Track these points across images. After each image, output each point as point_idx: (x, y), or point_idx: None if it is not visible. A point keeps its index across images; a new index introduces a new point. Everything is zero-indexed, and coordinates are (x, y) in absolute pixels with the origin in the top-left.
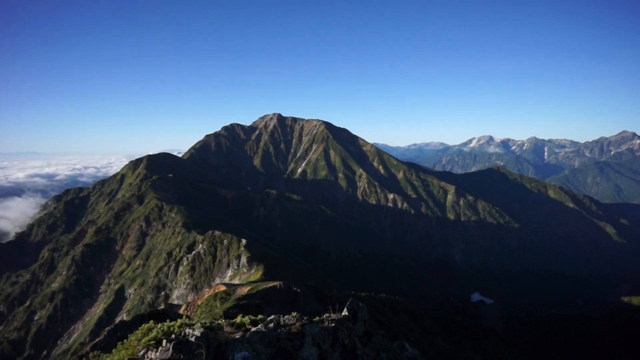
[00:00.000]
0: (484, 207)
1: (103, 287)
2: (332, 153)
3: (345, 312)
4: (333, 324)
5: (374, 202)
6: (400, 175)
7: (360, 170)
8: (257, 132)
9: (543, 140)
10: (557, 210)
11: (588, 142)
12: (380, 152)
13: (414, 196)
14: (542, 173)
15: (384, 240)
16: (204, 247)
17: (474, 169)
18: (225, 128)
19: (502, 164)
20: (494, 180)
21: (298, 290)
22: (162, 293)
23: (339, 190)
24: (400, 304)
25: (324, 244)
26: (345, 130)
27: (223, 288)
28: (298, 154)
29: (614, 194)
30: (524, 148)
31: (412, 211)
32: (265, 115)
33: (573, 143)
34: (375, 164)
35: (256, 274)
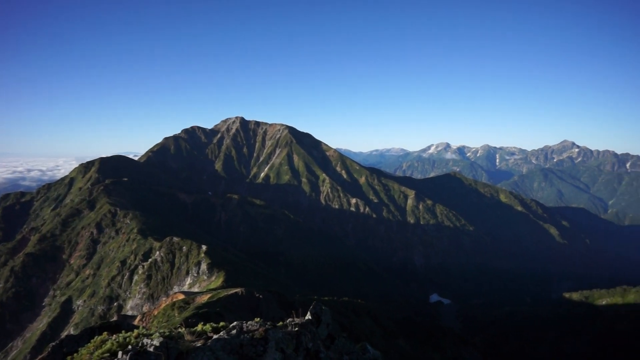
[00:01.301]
0: (442, 211)
1: (47, 300)
2: (295, 158)
3: (308, 316)
4: (296, 329)
5: (337, 206)
6: (362, 180)
7: (324, 175)
8: (219, 135)
9: (495, 147)
10: (508, 213)
11: (534, 150)
12: (343, 157)
13: (375, 201)
14: (494, 178)
15: (347, 244)
16: (162, 254)
17: (432, 175)
18: (185, 131)
19: (458, 169)
20: (451, 185)
21: (260, 296)
22: (115, 304)
23: (303, 195)
24: (362, 307)
25: (287, 249)
26: (308, 135)
27: (182, 297)
28: (261, 158)
29: (557, 198)
30: (478, 155)
31: (374, 215)
32: (227, 119)
33: (521, 151)
34: (338, 169)
35: (217, 281)
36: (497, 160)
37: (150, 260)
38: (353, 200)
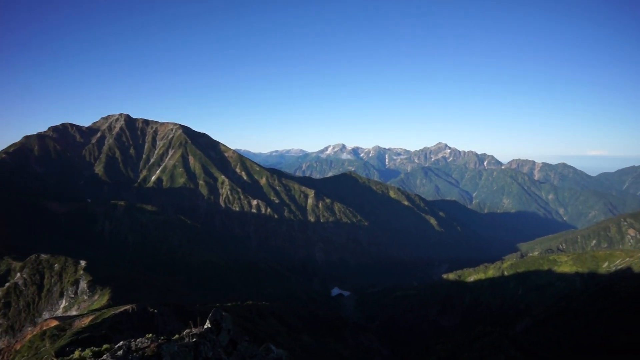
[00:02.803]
0: (340, 209)
1: None
2: (191, 159)
3: (207, 325)
4: (194, 339)
5: (237, 208)
6: (263, 181)
7: (223, 176)
8: (98, 134)
9: (385, 148)
10: (397, 208)
11: (416, 150)
12: (242, 159)
13: (277, 201)
14: (385, 177)
15: (249, 246)
16: (25, 276)
17: (330, 174)
18: (54, 129)
19: (353, 169)
20: (347, 184)
21: (155, 310)
22: None
23: (200, 198)
24: (266, 308)
25: (185, 256)
26: (205, 135)
27: (55, 323)
28: (152, 160)
29: (435, 193)
30: (370, 155)
31: (276, 216)
32: (109, 116)
33: (406, 151)
34: (238, 170)
35: (101, 300)
36: (387, 160)
37: (7, 284)
38: (254, 202)
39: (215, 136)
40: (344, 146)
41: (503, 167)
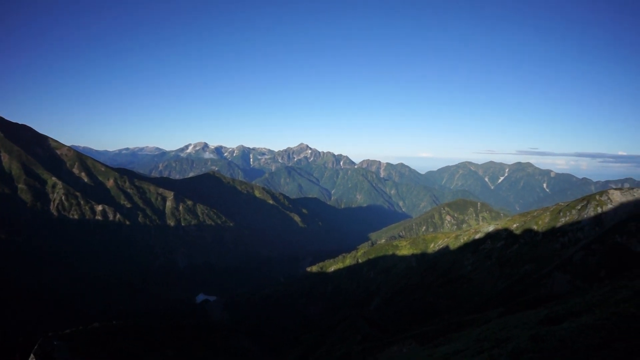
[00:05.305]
0: (203, 210)
1: None
2: (4, 157)
3: (32, 359)
4: None
5: (76, 216)
6: (110, 183)
7: (54, 178)
8: None
9: (249, 148)
10: (262, 207)
11: (280, 150)
12: (82, 157)
13: (128, 205)
14: (250, 176)
15: (94, 259)
16: None
17: (191, 174)
18: None
19: (216, 169)
20: (210, 185)
21: None
22: None
23: (21, 206)
24: (119, 327)
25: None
26: (26, 128)
27: None
28: None
29: (298, 191)
30: (234, 155)
31: (128, 222)
32: None
33: (270, 151)
34: (75, 170)
35: None
36: (251, 160)
37: None
38: (99, 208)
39: (42, 130)
40: (206, 145)
41: (356, 167)
